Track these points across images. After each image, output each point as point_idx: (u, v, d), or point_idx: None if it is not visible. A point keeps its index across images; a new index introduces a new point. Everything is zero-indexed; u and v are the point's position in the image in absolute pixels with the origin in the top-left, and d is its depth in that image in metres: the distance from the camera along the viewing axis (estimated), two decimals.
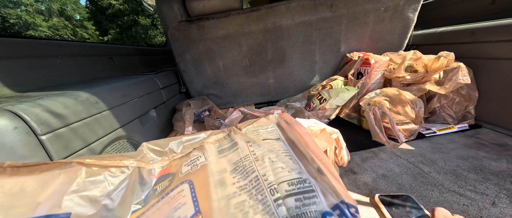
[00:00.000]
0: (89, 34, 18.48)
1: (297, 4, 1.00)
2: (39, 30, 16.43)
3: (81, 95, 0.57)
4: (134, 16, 16.72)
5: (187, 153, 0.40)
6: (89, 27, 18.35)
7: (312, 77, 1.21)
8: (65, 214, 0.27)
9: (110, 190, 0.32)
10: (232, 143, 0.39)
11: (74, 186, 0.30)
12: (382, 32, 1.08)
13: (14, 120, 0.40)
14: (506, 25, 0.76)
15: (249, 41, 1.08)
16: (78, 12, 19.27)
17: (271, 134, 0.39)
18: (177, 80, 1.23)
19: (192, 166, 0.35)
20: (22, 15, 16.09)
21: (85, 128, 0.54)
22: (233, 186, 0.30)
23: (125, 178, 0.34)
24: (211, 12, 1.01)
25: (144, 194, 0.34)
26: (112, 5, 15.97)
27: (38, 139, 0.43)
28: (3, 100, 0.48)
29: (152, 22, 17.63)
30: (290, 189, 0.28)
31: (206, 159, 0.36)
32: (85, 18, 18.64)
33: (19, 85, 0.60)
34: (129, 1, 16.16)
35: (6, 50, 0.60)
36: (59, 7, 18.53)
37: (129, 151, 0.72)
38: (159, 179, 0.36)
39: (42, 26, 16.68)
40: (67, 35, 17.70)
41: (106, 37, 17.17)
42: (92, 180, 0.32)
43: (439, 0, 1.16)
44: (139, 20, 16.98)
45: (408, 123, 0.82)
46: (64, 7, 18.73)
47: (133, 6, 16.37)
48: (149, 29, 17.69)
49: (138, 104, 0.80)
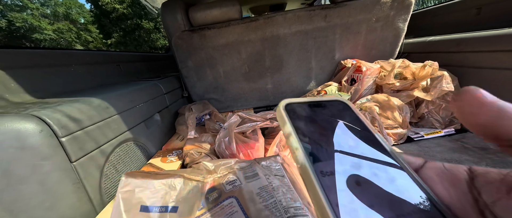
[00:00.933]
0: (93, 37, 18.78)
1: (293, 15, 1.06)
2: (44, 33, 16.74)
3: (94, 101, 0.63)
4: (137, 20, 16.98)
5: (225, 174, 0.53)
6: (93, 30, 18.66)
7: (309, 83, 1.27)
8: (175, 208, 0.44)
9: (189, 194, 0.48)
10: (254, 173, 0.53)
11: (178, 189, 0.47)
12: (375, 41, 1.14)
13: (40, 124, 0.46)
14: (488, 36, 0.81)
15: (248, 49, 1.14)
16: (82, 15, 19.63)
17: (279, 171, 0.54)
18: (179, 85, 1.29)
19: (233, 186, 0.50)
20: (28, 18, 16.43)
21: (98, 131, 0.60)
22: (261, 205, 0.45)
23: (195, 187, 0.49)
24: (213, 22, 1.08)
25: (202, 200, 0.47)
26: (116, 9, 16.25)
27: (58, 141, 0.49)
28: (27, 106, 0.54)
29: (155, 25, 17.88)
30: (295, 212, 0.42)
31: (241, 182, 0.50)
32: (90, 21, 18.96)
33: (38, 92, 0.66)
34: (132, 5, 16.44)
35: (28, 61, 0.66)
36: (64, 11, 18.89)
37: (136, 152, 0.77)
38: (209, 190, 0.49)
39: (47, 29, 17.00)
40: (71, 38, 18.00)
41: (110, 40, 17.44)
42: (186, 186, 0.49)
43: (429, 11, 1.22)
44: (142, 24, 17.24)
45: (397, 128, 0.87)
46: (69, 10, 19.09)
47: (137, 10, 16.64)
48: (152, 33, 17.93)
49: (144, 109, 0.86)
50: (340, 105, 0.17)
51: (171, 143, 0.95)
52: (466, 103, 0.11)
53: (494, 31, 0.80)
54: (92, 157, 0.57)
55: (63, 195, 0.49)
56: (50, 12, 18.33)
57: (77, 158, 0.53)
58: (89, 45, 18.86)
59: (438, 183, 0.13)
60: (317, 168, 0.12)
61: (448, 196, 0.12)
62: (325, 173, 0.11)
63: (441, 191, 0.12)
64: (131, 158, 0.74)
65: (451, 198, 0.12)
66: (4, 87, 0.59)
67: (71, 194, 0.51)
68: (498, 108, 0.10)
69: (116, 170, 0.66)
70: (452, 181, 0.12)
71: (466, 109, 0.11)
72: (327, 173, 0.11)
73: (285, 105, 0.15)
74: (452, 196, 0.12)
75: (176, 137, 1.01)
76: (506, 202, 0.11)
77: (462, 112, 0.11)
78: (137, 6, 16.40)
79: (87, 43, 18.92)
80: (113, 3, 16.26)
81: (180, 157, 0.84)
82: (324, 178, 0.11)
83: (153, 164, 0.78)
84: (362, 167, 0.12)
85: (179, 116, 1.11)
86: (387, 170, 0.12)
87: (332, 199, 0.10)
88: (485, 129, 0.11)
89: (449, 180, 0.13)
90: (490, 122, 0.10)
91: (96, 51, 1.05)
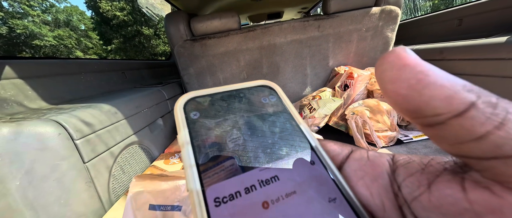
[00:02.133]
0: (93, 43, 18.96)
1: (289, 25, 1.13)
2: (45, 39, 16.89)
3: (104, 106, 0.68)
4: (138, 27, 17.23)
5: None
6: (94, 37, 18.85)
7: (304, 88, 1.33)
8: (179, 207, 0.48)
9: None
10: None
11: (182, 190, 0.50)
12: (366, 49, 1.21)
13: (58, 128, 0.51)
14: (469, 46, 0.88)
15: (246, 57, 1.21)
16: (83, 22, 19.86)
17: None
18: (181, 91, 1.35)
19: None
20: (29, 25, 16.60)
21: (107, 134, 0.65)
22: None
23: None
24: (213, 32, 1.15)
25: None
26: (117, 16, 16.50)
27: (74, 143, 0.54)
28: (44, 112, 0.59)
29: (155, 32, 18.11)
30: None
31: None
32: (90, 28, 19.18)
33: (53, 99, 0.72)
34: (133, 12, 16.70)
35: (44, 70, 0.72)
36: (65, 18, 19.12)
37: (140, 154, 0.82)
38: None
39: (47, 35, 17.17)
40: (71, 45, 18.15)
41: (110, 47, 17.61)
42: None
43: (415, 21, 1.30)
44: (143, 30, 17.48)
45: (387, 130, 0.92)
46: (70, 17, 19.32)
47: (137, 17, 16.90)
48: (152, 39, 18.15)
49: (148, 114, 0.91)
50: (264, 91, 0.14)
51: (173, 146, 1.00)
52: (388, 66, 0.08)
53: (474, 41, 0.87)
54: (102, 158, 0.62)
55: (77, 192, 0.54)
56: (51, 19, 18.54)
57: (89, 159, 0.57)
58: (89, 51, 19.03)
59: (359, 178, 0.11)
60: (212, 193, 0.09)
61: (368, 194, 0.11)
62: (220, 200, 0.09)
63: (360, 190, 0.11)
64: (136, 160, 0.79)
65: (372, 196, 0.10)
66: (23, 94, 0.64)
67: (83, 192, 0.55)
68: (421, 71, 0.08)
69: (123, 171, 0.70)
70: (374, 176, 0.11)
71: (387, 74, 0.08)
72: (224, 199, 0.09)
73: (185, 103, 0.12)
74: (373, 194, 0.10)
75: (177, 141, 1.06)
76: (426, 199, 0.09)
77: (383, 79, 0.08)
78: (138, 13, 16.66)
79: (87, 49, 19.09)
80: (113, 10, 16.52)
81: (181, 159, 0.88)
82: (217, 209, 0.09)
83: (156, 166, 0.82)
84: (270, 185, 0.10)
85: None
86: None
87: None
88: (407, 102, 0.08)
89: (371, 174, 0.11)
90: (411, 92, 0.08)
91: (103, 59, 1.10)
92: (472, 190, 0.07)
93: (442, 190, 0.08)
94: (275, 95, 0.14)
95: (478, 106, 0.07)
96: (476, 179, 0.08)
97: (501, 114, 0.07)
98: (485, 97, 0.07)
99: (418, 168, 0.10)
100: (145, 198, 0.51)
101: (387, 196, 0.10)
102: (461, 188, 0.08)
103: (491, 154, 0.07)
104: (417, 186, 0.09)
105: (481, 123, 0.07)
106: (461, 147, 0.07)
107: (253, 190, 0.10)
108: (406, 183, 0.10)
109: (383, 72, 0.08)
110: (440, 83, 0.07)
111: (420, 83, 0.08)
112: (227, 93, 0.13)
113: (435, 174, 0.09)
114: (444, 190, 0.08)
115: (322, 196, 0.10)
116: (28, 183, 0.45)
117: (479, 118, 0.07)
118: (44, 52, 16.80)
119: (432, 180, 0.09)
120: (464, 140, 0.07)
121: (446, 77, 0.08)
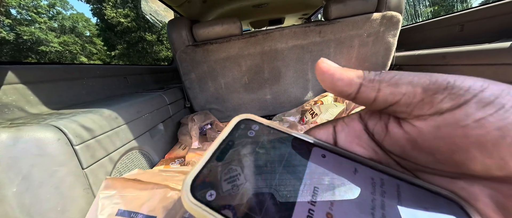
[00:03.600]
0: (97, 49, 19.31)
1: (290, 31, 1.14)
2: (51, 45, 17.25)
3: (104, 111, 0.68)
4: (141, 33, 17.55)
5: None
6: (98, 42, 19.22)
7: (306, 93, 1.33)
8: (152, 217, 0.45)
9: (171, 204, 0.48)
10: None
11: (158, 199, 0.48)
12: (367, 54, 1.21)
13: (58, 133, 0.51)
14: (473, 51, 0.87)
15: (248, 62, 1.21)
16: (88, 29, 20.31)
17: None
18: (182, 96, 1.35)
19: None
20: (35, 32, 17.00)
21: (107, 139, 0.65)
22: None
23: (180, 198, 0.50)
24: (215, 37, 1.15)
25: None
26: (121, 23, 16.85)
27: (73, 148, 0.53)
28: (45, 117, 0.59)
29: (158, 38, 18.42)
30: None
31: None
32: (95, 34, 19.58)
33: (54, 104, 0.72)
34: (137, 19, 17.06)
35: (46, 75, 0.72)
36: (71, 24, 19.57)
37: (140, 160, 0.81)
38: None
39: (53, 42, 17.54)
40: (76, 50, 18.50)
41: (113, 52, 17.90)
42: (169, 196, 0.49)
43: (416, 27, 1.30)
44: (146, 36, 17.79)
45: None
46: (76, 24, 19.78)
47: (141, 23, 17.25)
48: (155, 45, 18.44)
49: (149, 119, 0.91)
50: (244, 125, 0.14)
51: (173, 152, 0.99)
52: (317, 73, 0.13)
53: (477, 46, 0.86)
54: (101, 164, 0.61)
55: (74, 199, 0.53)
56: (57, 25, 18.99)
57: (88, 165, 0.57)
58: (93, 57, 19.35)
59: (351, 143, 0.14)
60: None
61: (363, 150, 0.13)
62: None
63: (357, 150, 0.13)
64: (136, 166, 0.78)
65: (366, 150, 0.13)
66: (24, 99, 0.64)
67: (80, 199, 0.54)
68: (332, 74, 0.12)
69: None
70: (357, 135, 0.14)
71: (319, 77, 0.13)
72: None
73: (190, 192, 0.11)
74: (365, 148, 0.13)
75: (178, 146, 1.05)
76: (388, 138, 0.12)
77: (323, 81, 0.13)
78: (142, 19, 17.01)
79: (91, 55, 19.42)
80: (118, 17, 16.90)
81: (182, 165, 0.87)
82: None
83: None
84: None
85: (181, 126, 1.15)
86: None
87: None
88: (333, 90, 0.12)
89: (355, 135, 0.14)
90: (331, 85, 0.12)
91: (106, 65, 1.12)
92: (397, 127, 0.12)
93: (391, 130, 0.12)
94: (255, 123, 0.15)
95: (364, 84, 0.12)
96: (395, 119, 0.12)
97: (376, 85, 0.11)
98: (367, 79, 0.12)
99: (377, 117, 0.13)
100: (114, 203, 0.48)
101: (372, 144, 0.13)
102: (398, 125, 0.12)
103: (384, 105, 0.12)
104: (381, 130, 0.13)
105: (369, 93, 0.12)
106: (371, 106, 0.12)
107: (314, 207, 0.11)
108: (375, 131, 0.13)
109: (318, 75, 0.13)
110: (342, 78, 0.12)
111: (333, 80, 0.12)
112: (218, 151, 0.13)
113: (386, 119, 0.13)
114: (392, 129, 0.12)
115: (347, 172, 0.12)
116: (25, 189, 0.44)
117: (367, 91, 0.12)
118: (49, 58, 17.12)
119: (387, 122, 0.13)
120: (368, 102, 0.12)
121: (346, 74, 0.12)
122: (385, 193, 0.11)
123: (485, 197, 0.10)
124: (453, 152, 0.10)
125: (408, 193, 0.11)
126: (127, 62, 17.21)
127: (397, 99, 0.11)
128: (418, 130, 0.11)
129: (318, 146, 0.13)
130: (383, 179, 0.12)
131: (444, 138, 0.10)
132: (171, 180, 0.52)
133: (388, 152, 0.13)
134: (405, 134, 0.11)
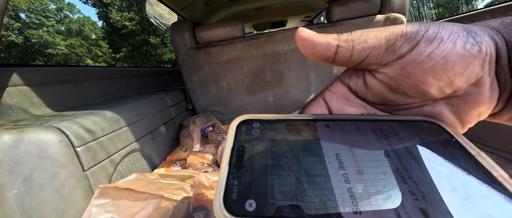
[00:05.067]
0: (103, 52, 19.65)
1: (292, 33, 1.13)
2: (57, 48, 17.62)
3: (106, 113, 0.68)
4: (146, 36, 17.81)
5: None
6: (103, 45, 19.56)
7: (308, 96, 1.32)
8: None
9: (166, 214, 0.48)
10: None
11: (151, 209, 0.47)
12: None
13: (60, 135, 0.51)
14: None
15: (250, 64, 1.21)
16: (94, 32, 20.71)
17: None
18: (184, 98, 1.35)
19: None
20: (43, 35, 17.39)
21: (109, 141, 0.65)
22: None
23: (176, 207, 0.49)
24: (217, 40, 1.16)
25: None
26: (126, 26, 17.14)
27: (74, 150, 0.54)
28: (48, 118, 0.59)
29: (162, 40, 18.66)
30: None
31: None
32: (100, 37, 19.95)
33: (57, 105, 0.72)
34: (141, 22, 17.33)
35: (51, 77, 0.73)
36: (78, 28, 19.99)
37: (141, 162, 0.81)
38: (196, 209, 0.50)
39: (60, 44, 17.92)
40: (82, 53, 18.86)
41: (118, 55, 18.18)
42: (163, 206, 0.48)
43: None
44: (150, 39, 18.04)
45: None
46: (82, 27, 20.19)
47: (145, 26, 17.51)
48: (159, 47, 18.68)
49: (151, 121, 0.91)
50: (245, 128, 0.15)
51: (175, 154, 0.99)
52: (298, 41, 0.14)
53: None
54: (102, 166, 0.61)
55: (75, 202, 0.53)
56: (65, 28, 19.40)
57: (89, 167, 0.57)
58: (99, 59, 19.69)
59: (344, 106, 0.16)
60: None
61: (356, 110, 0.15)
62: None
63: (351, 111, 0.15)
64: (137, 168, 0.77)
65: (358, 109, 0.15)
66: (28, 101, 0.65)
67: (81, 201, 0.54)
68: (311, 40, 0.13)
69: (123, 179, 0.69)
70: (346, 98, 0.16)
71: (299, 45, 0.14)
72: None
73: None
74: (356, 107, 0.15)
75: (180, 148, 1.05)
76: (369, 92, 0.14)
77: (300, 48, 0.14)
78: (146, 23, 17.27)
79: (97, 57, 19.77)
80: (123, 20, 17.20)
81: (183, 167, 0.87)
82: None
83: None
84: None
85: (183, 128, 1.15)
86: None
87: None
88: (314, 56, 0.14)
89: (344, 99, 0.16)
90: (312, 51, 0.13)
91: (109, 67, 1.13)
92: (373, 79, 0.14)
93: (369, 82, 0.14)
94: (254, 121, 0.15)
95: (340, 45, 0.13)
96: (369, 73, 0.14)
97: (350, 44, 0.13)
98: (342, 39, 0.13)
99: (355, 76, 0.15)
100: (108, 211, 0.48)
101: (359, 101, 0.16)
102: (373, 77, 0.14)
103: (359, 60, 0.13)
104: (362, 87, 0.15)
105: (345, 52, 0.13)
106: (347, 64, 0.14)
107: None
108: (357, 89, 0.15)
109: (298, 44, 0.14)
110: (321, 42, 0.13)
111: (313, 46, 0.13)
112: (233, 161, 0.13)
113: (362, 75, 0.15)
114: (370, 82, 0.14)
115: (353, 131, 0.14)
116: (26, 192, 0.44)
117: (343, 51, 0.13)
118: (56, 60, 17.48)
119: (364, 78, 0.15)
120: (345, 61, 0.14)
121: (324, 38, 0.13)
122: (386, 135, 0.13)
123: (447, 112, 0.14)
124: (417, 85, 0.12)
125: (400, 129, 0.14)
126: (132, 65, 17.45)
127: (368, 52, 0.13)
128: (388, 76, 0.13)
129: (319, 120, 0.15)
130: (380, 125, 0.14)
131: (408, 76, 0.12)
132: (167, 189, 0.52)
133: (372, 104, 0.15)
134: (380, 83, 0.14)
